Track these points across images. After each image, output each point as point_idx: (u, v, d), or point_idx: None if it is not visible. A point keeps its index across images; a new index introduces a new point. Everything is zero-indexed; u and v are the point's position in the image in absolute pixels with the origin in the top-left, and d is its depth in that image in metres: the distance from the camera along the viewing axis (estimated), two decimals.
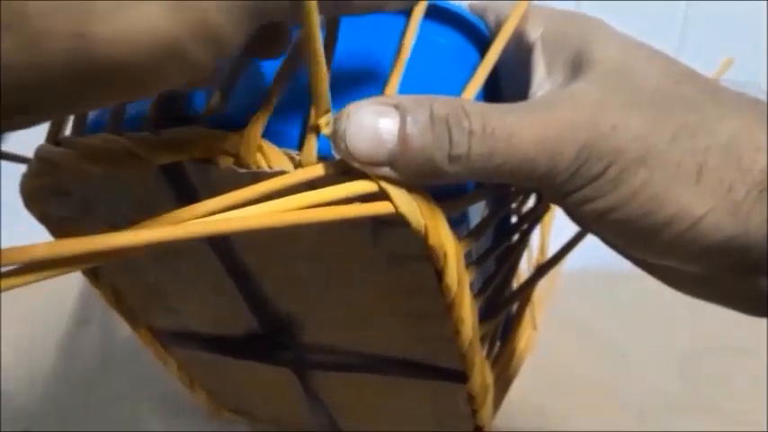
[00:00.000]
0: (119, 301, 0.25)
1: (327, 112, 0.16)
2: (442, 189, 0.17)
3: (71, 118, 0.19)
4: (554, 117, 0.15)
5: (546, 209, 0.25)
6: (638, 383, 0.35)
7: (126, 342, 0.38)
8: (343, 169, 0.16)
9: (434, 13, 0.19)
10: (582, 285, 0.33)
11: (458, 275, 0.18)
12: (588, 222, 0.16)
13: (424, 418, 0.26)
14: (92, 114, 0.19)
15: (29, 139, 0.20)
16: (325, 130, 0.16)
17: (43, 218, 0.21)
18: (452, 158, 0.15)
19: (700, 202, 0.15)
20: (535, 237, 0.27)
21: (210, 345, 0.26)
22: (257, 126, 0.16)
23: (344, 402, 0.28)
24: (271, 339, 0.24)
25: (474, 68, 0.19)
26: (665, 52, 0.18)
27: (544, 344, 0.29)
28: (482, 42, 0.20)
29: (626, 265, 0.48)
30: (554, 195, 0.16)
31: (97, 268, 0.24)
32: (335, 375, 0.25)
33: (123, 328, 0.39)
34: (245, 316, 0.23)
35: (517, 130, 0.15)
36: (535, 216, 0.24)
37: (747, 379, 0.35)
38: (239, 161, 0.16)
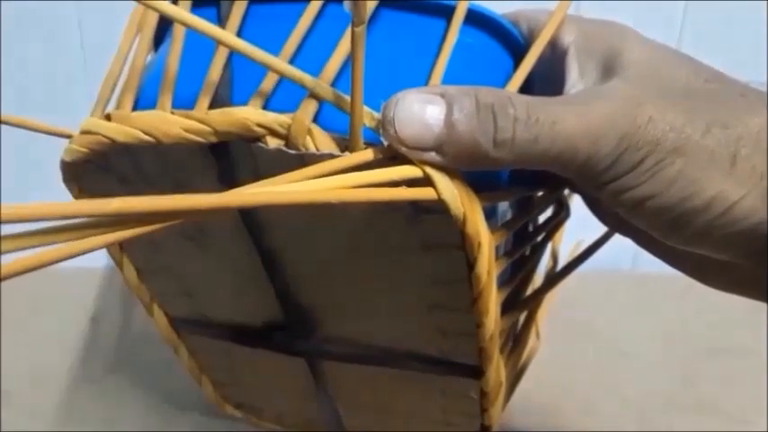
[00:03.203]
0: (140, 284, 0.25)
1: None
2: (479, 181, 0.18)
3: (113, 95, 0.20)
4: (594, 108, 0.16)
5: (562, 220, 0.26)
6: (638, 383, 0.35)
7: (131, 342, 0.38)
8: (389, 155, 0.17)
9: (471, 18, 0.20)
10: (582, 286, 0.33)
11: (488, 266, 0.19)
12: (626, 210, 0.17)
13: (432, 417, 0.27)
14: (137, 93, 0.19)
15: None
16: (369, 123, 0.17)
17: (80, 194, 0.21)
18: (497, 144, 0.16)
19: (734, 188, 0.16)
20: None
21: (228, 332, 0.26)
22: (307, 109, 0.17)
23: (353, 397, 0.28)
24: (291, 329, 0.25)
25: (506, 73, 0.20)
26: None
27: (545, 344, 0.30)
28: (515, 48, 0.21)
29: (626, 265, 0.49)
30: (593, 184, 0.17)
31: (124, 249, 0.24)
32: (349, 368, 0.25)
33: (130, 328, 0.39)
34: (270, 304, 0.24)
35: (560, 119, 0.16)
36: (552, 225, 0.25)
37: (747, 379, 0.35)
38: (288, 143, 0.17)
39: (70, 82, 0.43)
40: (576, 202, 0.25)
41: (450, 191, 0.17)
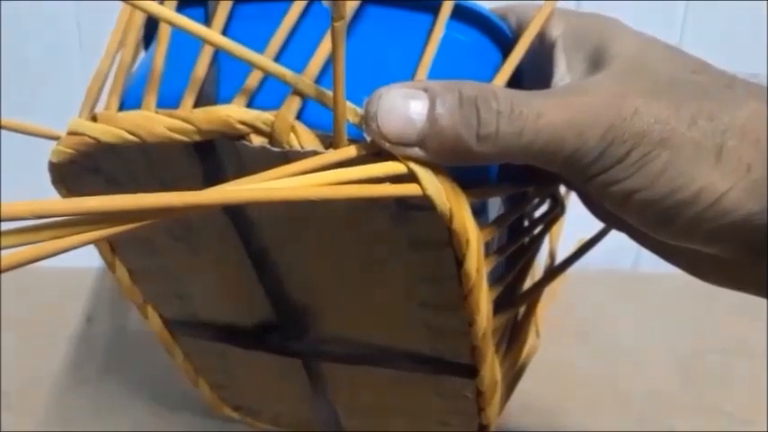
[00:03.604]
0: (132, 286, 0.25)
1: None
2: (466, 177, 0.18)
3: (102, 96, 0.20)
4: (579, 101, 0.16)
5: (558, 214, 0.26)
6: (638, 383, 0.35)
7: (128, 341, 0.38)
8: (373, 151, 0.17)
9: (459, 13, 0.20)
10: (583, 286, 0.33)
11: (477, 263, 0.18)
12: (614, 204, 0.17)
13: (429, 417, 0.27)
14: (124, 93, 0.19)
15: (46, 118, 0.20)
16: (353, 119, 0.17)
17: (68, 196, 0.21)
18: (481, 138, 0.16)
19: (721, 180, 0.16)
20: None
21: (221, 334, 0.26)
22: (291, 107, 0.17)
23: (350, 398, 0.28)
24: (284, 330, 0.25)
25: (495, 67, 0.20)
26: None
27: (545, 343, 0.29)
28: (504, 43, 0.21)
29: (626, 264, 0.49)
30: (580, 177, 0.17)
31: (115, 251, 0.24)
32: (345, 368, 0.25)
33: (125, 327, 0.39)
34: (261, 304, 0.24)
35: (545, 112, 0.16)
36: (548, 220, 0.25)
37: (747, 379, 0.35)
38: (272, 140, 0.17)
39: (70, 82, 0.43)
40: (577, 201, 0.25)
41: (434, 186, 0.16)
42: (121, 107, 0.19)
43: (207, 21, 0.19)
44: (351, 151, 0.16)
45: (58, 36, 0.43)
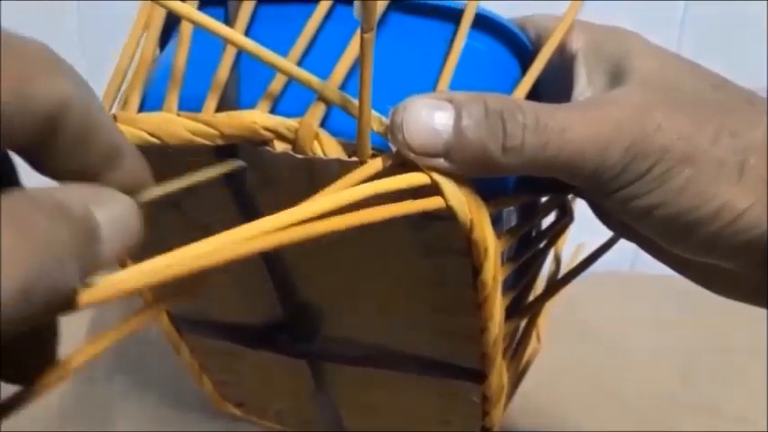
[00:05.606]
0: None
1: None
2: (486, 187, 0.18)
3: (119, 97, 0.19)
4: (603, 115, 0.16)
5: (566, 223, 0.26)
6: (638, 383, 0.35)
7: (132, 342, 0.38)
8: (398, 162, 0.17)
9: (480, 23, 0.20)
10: (582, 287, 0.33)
11: (494, 272, 0.18)
12: (633, 219, 0.17)
13: (433, 419, 0.27)
14: (144, 95, 0.19)
15: None
16: (377, 128, 0.17)
17: None
18: (506, 150, 0.16)
19: (742, 197, 0.16)
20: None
21: (229, 333, 0.26)
22: (315, 114, 0.17)
23: (353, 398, 0.28)
24: (293, 330, 0.25)
25: (514, 78, 0.20)
26: None
27: (545, 344, 0.30)
28: (523, 54, 0.21)
29: (627, 265, 0.48)
30: (601, 192, 0.17)
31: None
32: (350, 369, 0.25)
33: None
34: (271, 304, 0.24)
35: (569, 126, 0.16)
36: (556, 229, 0.25)
37: (747, 379, 0.35)
38: (296, 147, 0.17)
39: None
40: (579, 205, 0.25)
41: (457, 198, 0.17)
42: (141, 108, 0.19)
43: (227, 21, 0.19)
44: (377, 164, 0.16)
45: (59, 36, 0.42)
